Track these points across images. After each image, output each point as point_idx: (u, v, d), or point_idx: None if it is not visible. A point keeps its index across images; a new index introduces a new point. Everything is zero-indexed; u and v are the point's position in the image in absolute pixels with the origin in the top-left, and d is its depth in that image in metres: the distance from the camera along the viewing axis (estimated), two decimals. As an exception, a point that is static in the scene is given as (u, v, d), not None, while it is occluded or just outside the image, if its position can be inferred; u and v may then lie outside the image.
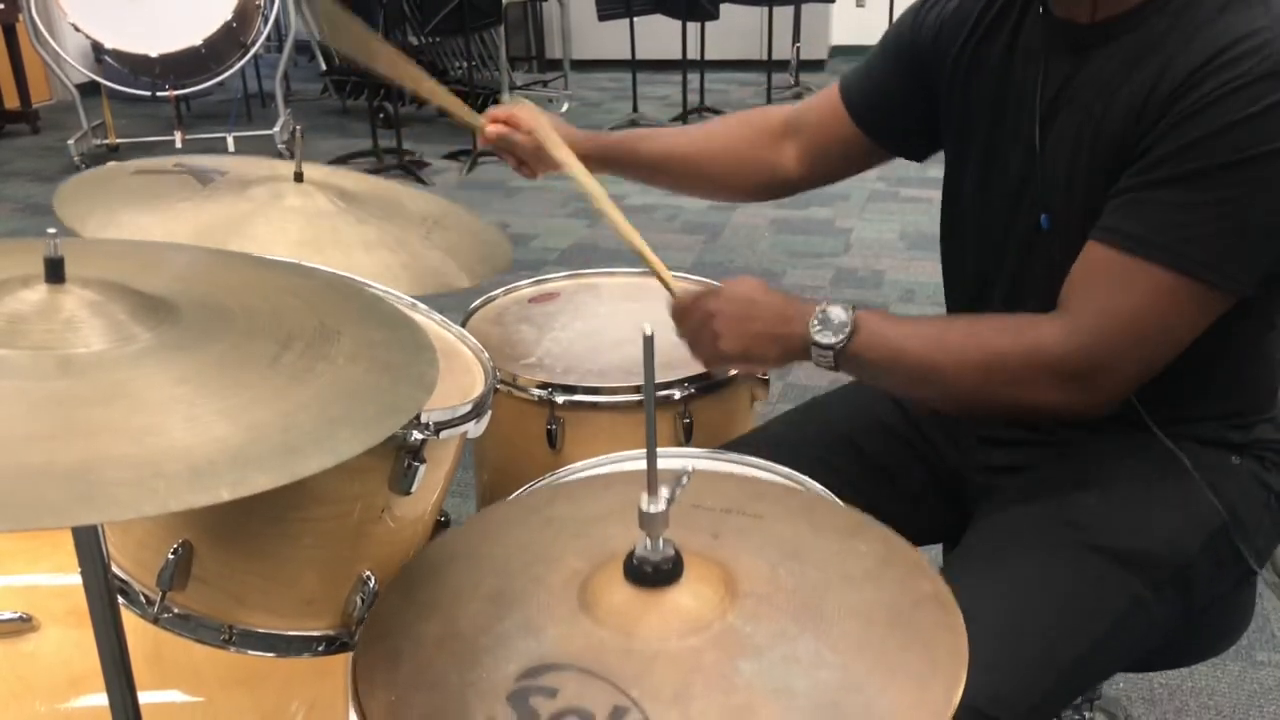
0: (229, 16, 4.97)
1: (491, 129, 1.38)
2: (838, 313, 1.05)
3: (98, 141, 5.35)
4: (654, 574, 0.74)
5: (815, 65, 7.62)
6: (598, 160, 1.38)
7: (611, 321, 1.49)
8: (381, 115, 5.71)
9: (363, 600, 0.90)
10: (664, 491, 0.74)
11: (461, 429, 0.93)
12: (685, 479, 0.77)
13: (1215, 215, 0.95)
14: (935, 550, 1.37)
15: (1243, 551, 1.09)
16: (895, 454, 1.27)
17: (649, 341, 0.70)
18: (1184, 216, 0.96)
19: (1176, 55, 0.96)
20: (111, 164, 1.33)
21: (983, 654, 0.96)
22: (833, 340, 1.04)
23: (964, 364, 1.04)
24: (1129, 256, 0.97)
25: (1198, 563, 1.06)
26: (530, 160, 1.39)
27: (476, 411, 0.95)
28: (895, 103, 1.27)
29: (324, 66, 6.60)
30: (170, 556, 0.86)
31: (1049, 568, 1.04)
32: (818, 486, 1.08)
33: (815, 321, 1.05)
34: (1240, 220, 0.95)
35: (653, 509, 0.73)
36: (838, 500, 1.02)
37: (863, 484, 1.23)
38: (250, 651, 0.90)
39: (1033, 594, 1.03)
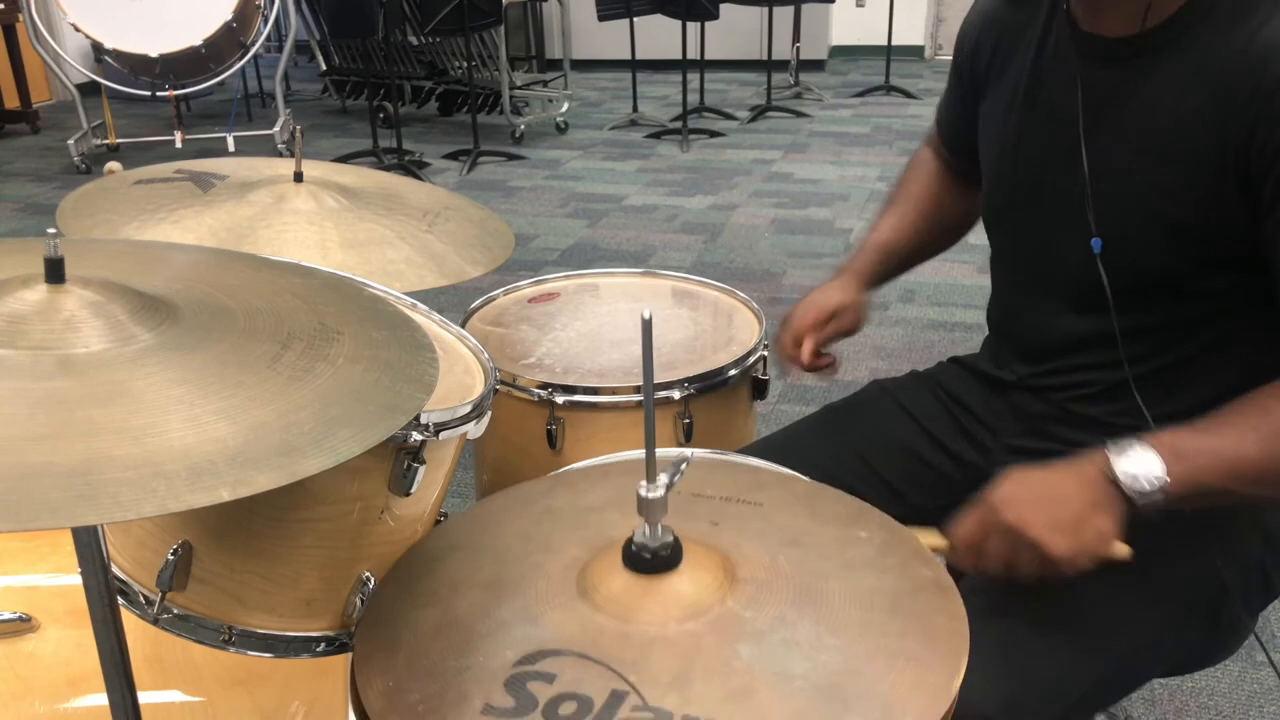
0: (229, 16, 4.97)
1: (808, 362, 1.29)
2: (1139, 456, 0.93)
3: (98, 141, 5.35)
4: (653, 560, 0.74)
5: (815, 65, 7.62)
6: (872, 283, 1.33)
7: (611, 321, 1.49)
8: (381, 115, 5.71)
9: (362, 601, 0.90)
10: (663, 477, 0.74)
11: (461, 430, 0.93)
12: (684, 465, 0.77)
13: None
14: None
15: (1277, 582, 1.06)
16: (910, 473, 1.24)
17: (648, 325, 0.70)
18: None
19: (1244, 59, 0.93)
20: (110, 166, 1.33)
21: (1003, 663, 0.94)
22: (1150, 488, 0.93)
23: None
24: None
25: (1232, 592, 1.04)
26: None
27: (476, 412, 0.95)
28: (962, 120, 1.26)
29: (324, 66, 6.60)
30: (170, 557, 0.86)
31: (1081, 583, 1.00)
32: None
33: (1122, 474, 0.94)
34: None
35: (651, 494, 0.73)
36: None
37: (872, 501, 1.20)
38: (250, 652, 0.90)
39: (1061, 607, 1.00)
